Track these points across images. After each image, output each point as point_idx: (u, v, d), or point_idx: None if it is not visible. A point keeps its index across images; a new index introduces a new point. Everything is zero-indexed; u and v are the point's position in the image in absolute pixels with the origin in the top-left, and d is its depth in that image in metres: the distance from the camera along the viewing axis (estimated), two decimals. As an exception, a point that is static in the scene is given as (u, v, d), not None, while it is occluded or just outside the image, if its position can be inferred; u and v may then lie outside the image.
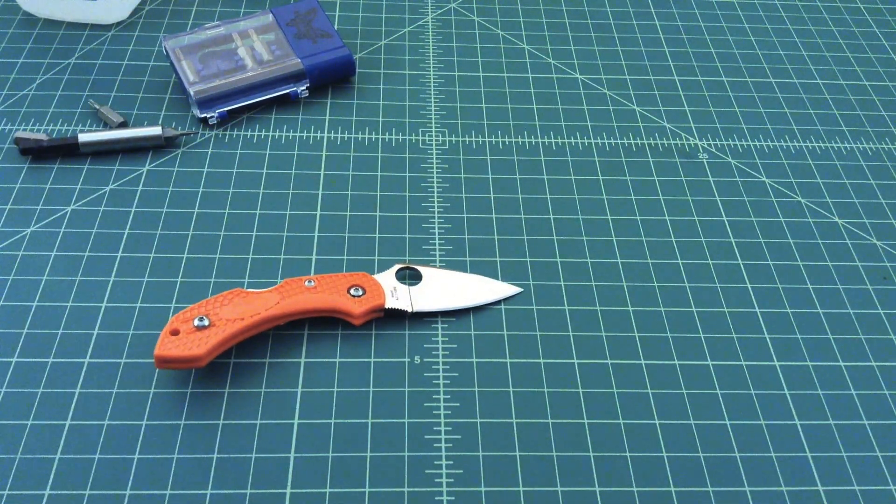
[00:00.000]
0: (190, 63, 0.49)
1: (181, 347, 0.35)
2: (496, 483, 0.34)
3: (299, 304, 0.37)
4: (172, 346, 0.35)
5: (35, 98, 0.49)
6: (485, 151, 0.48)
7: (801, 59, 0.56)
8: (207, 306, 0.36)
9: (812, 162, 0.49)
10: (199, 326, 0.36)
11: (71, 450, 0.34)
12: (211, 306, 0.36)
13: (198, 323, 0.36)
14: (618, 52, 0.55)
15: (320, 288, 0.38)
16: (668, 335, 0.40)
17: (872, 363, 0.39)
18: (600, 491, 0.34)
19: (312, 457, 0.35)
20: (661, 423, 0.37)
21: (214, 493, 0.33)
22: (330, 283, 0.39)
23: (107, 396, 0.36)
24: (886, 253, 0.44)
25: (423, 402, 0.37)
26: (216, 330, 0.36)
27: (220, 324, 0.36)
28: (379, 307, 0.39)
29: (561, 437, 0.36)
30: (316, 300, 0.38)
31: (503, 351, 0.39)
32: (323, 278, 0.39)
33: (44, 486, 0.33)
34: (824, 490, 0.35)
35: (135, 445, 0.34)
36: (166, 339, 0.35)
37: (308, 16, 0.52)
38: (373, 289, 0.39)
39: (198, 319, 0.36)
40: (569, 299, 0.41)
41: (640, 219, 0.45)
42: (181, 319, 0.36)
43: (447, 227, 0.44)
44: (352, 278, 0.39)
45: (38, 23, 0.54)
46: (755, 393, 0.38)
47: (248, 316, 0.36)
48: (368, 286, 0.39)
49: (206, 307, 0.36)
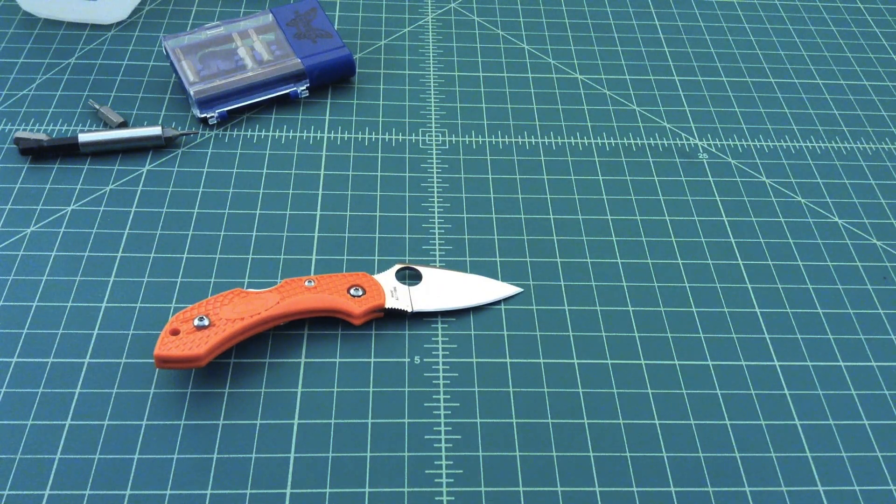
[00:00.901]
0: (190, 63, 0.49)
1: (181, 347, 0.35)
2: (496, 483, 0.34)
3: (299, 304, 0.37)
4: (172, 346, 0.35)
5: (35, 98, 0.49)
6: (485, 151, 0.48)
7: (801, 59, 0.56)
8: (207, 306, 0.36)
9: (812, 162, 0.49)
10: (199, 326, 0.36)
11: (71, 450, 0.34)
12: (211, 306, 0.36)
13: (198, 323, 0.36)
14: (618, 52, 0.55)
15: (320, 288, 0.38)
16: (668, 335, 0.40)
17: (872, 363, 0.39)
18: (600, 491, 0.34)
19: (312, 457, 0.35)
20: (660, 423, 0.37)
21: (214, 493, 0.33)
22: (330, 283, 0.39)
23: (107, 396, 0.36)
24: (886, 253, 0.44)
25: (423, 402, 0.37)
26: (216, 330, 0.36)
27: (220, 324, 0.36)
28: (379, 307, 0.39)
29: (561, 437, 0.36)
30: (316, 300, 0.38)
31: (503, 351, 0.39)
32: (323, 278, 0.39)
33: (44, 486, 0.33)
34: (824, 490, 0.35)
35: (135, 445, 0.34)
36: (166, 339, 0.35)
37: (308, 16, 0.52)
38: (373, 289, 0.39)
39: (198, 319, 0.36)
40: (569, 299, 0.41)
41: (640, 219, 0.45)
42: (181, 319, 0.36)
43: (447, 227, 0.44)
44: (351, 278, 0.39)
45: (38, 23, 0.54)
46: (755, 393, 0.38)
47: (248, 315, 0.36)
48: (368, 286, 0.39)
49: (205, 307, 0.36)
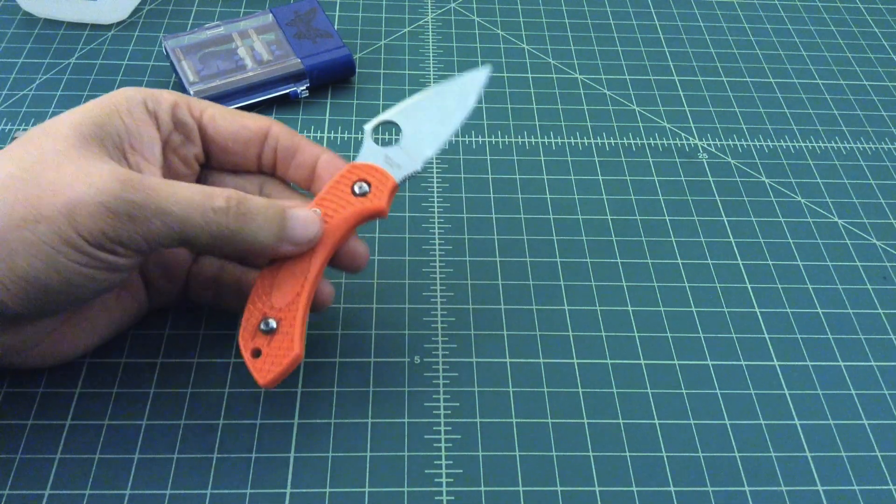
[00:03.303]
0: (190, 63, 0.49)
1: (275, 361, 0.31)
2: (496, 483, 0.34)
3: (332, 239, 0.34)
4: (268, 367, 0.31)
5: (35, 98, 0.49)
6: (485, 151, 0.48)
7: (801, 59, 0.56)
8: (256, 306, 0.33)
9: (812, 162, 0.49)
10: (269, 330, 0.32)
11: (71, 450, 0.34)
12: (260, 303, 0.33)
13: (265, 328, 0.32)
14: (618, 52, 0.55)
15: (331, 212, 0.34)
16: (668, 335, 0.40)
17: (872, 363, 0.39)
18: (600, 491, 0.34)
19: (312, 457, 0.35)
20: (660, 423, 0.37)
21: (214, 493, 0.33)
22: (334, 202, 0.34)
23: (107, 396, 0.36)
24: (886, 253, 0.44)
25: (423, 402, 0.37)
26: (286, 320, 0.32)
27: (282, 312, 0.32)
28: (394, 188, 0.35)
29: (561, 437, 0.36)
30: (341, 224, 0.34)
31: (503, 351, 0.39)
32: (323, 201, 0.34)
33: (44, 486, 0.33)
34: (824, 490, 0.35)
35: (135, 445, 0.34)
36: (258, 366, 0.32)
37: (308, 16, 0.52)
38: (372, 174, 0.35)
39: (263, 325, 0.32)
40: (568, 299, 0.41)
41: (640, 219, 0.45)
42: (247, 337, 0.32)
43: (447, 227, 0.44)
44: (345, 180, 0.35)
45: (38, 23, 0.54)
46: (755, 393, 0.38)
47: (298, 287, 0.33)
48: (367, 175, 0.35)
49: (256, 307, 0.33)
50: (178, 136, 0.34)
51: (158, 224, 0.29)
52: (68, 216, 0.27)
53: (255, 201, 0.31)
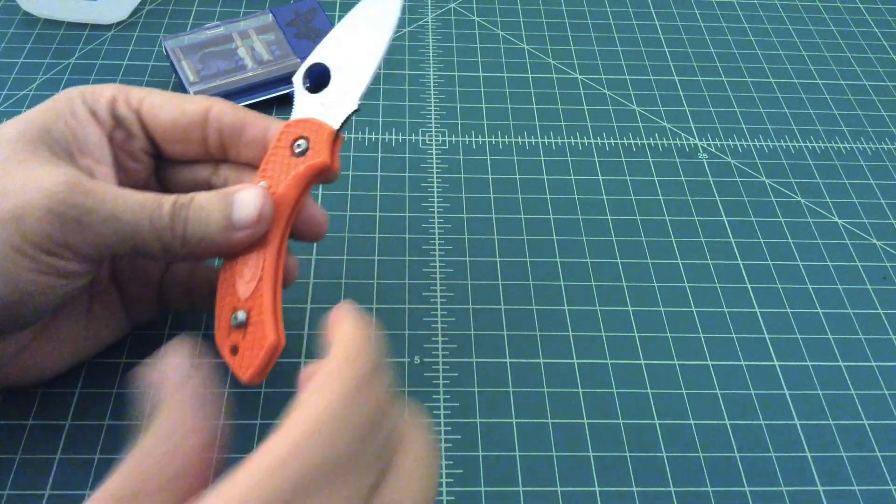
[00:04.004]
0: (190, 63, 0.49)
1: (253, 354, 0.30)
2: (496, 483, 0.34)
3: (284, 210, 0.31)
4: (248, 359, 0.30)
5: (35, 98, 0.49)
6: (485, 151, 0.48)
7: (801, 59, 0.56)
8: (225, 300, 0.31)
9: (812, 162, 0.49)
10: (240, 324, 0.30)
11: (71, 450, 0.34)
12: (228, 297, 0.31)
13: (236, 323, 0.30)
14: (618, 52, 0.55)
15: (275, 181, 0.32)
16: (668, 335, 0.40)
17: (872, 363, 0.39)
18: (600, 491, 0.34)
19: (312, 457, 0.35)
20: (660, 423, 0.37)
21: (214, 493, 0.33)
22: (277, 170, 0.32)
23: (107, 396, 0.36)
24: (886, 253, 0.44)
25: (423, 402, 0.37)
26: (255, 309, 0.30)
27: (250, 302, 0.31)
28: (332, 136, 0.32)
29: (561, 437, 0.36)
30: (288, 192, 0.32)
31: (503, 351, 0.39)
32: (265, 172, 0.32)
33: (44, 486, 0.33)
34: (824, 490, 0.35)
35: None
36: (237, 363, 0.30)
37: (308, 16, 0.52)
38: (308, 127, 0.32)
39: (233, 320, 0.30)
40: (568, 299, 0.41)
41: (640, 219, 0.45)
42: (222, 336, 0.31)
43: (447, 227, 0.44)
44: (282, 142, 0.32)
45: (38, 23, 0.54)
46: (755, 393, 0.38)
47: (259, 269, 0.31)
48: (303, 131, 0.32)
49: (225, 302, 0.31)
50: (121, 131, 0.33)
51: (107, 230, 0.28)
52: (15, 221, 0.27)
53: (199, 197, 0.30)
